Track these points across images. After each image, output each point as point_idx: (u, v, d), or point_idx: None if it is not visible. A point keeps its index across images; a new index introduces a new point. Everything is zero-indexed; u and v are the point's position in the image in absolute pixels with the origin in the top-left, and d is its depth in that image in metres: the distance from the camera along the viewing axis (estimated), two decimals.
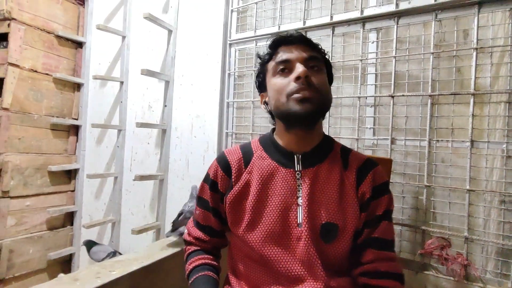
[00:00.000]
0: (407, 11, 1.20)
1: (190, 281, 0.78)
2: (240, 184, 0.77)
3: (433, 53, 1.16)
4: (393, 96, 1.22)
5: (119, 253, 1.91)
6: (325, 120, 0.84)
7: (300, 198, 0.72)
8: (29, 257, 1.98)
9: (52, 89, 2.12)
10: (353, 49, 1.35)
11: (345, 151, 0.80)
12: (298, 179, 0.74)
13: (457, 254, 1.10)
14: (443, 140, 1.16)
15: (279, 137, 0.80)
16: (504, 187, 1.05)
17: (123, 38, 2.07)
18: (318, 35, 1.42)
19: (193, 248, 0.85)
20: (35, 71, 2.00)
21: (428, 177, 1.16)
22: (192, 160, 1.77)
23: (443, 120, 1.17)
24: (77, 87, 2.28)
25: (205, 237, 0.84)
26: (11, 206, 1.89)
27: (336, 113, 1.38)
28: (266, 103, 0.81)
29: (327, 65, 0.80)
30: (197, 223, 0.87)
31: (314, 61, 0.74)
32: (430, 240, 1.15)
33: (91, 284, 0.86)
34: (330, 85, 0.81)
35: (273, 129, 0.84)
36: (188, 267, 0.81)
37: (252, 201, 0.74)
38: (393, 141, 1.24)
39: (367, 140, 1.30)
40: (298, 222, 0.71)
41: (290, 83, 0.71)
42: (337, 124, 1.38)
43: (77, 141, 2.28)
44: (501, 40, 1.07)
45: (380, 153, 1.27)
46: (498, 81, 1.08)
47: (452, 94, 1.13)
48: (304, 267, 0.69)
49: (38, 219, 2.05)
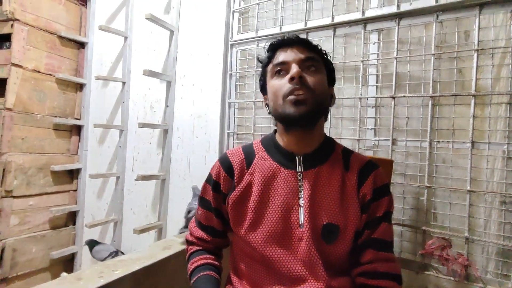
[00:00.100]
0: (408, 12, 1.20)
1: (192, 281, 0.78)
2: (242, 185, 0.77)
3: (434, 54, 1.16)
4: (394, 97, 1.23)
5: (121, 252, 1.92)
6: (326, 121, 0.84)
7: (302, 199, 0.72)
8: (32, 256, 1.99)
9: (55, 90, 2.13)
10: (354, 50, 1.36)
11: (347, 152, 0.80)
12: (300, 180, 0.74)
13: (457, 254, 1.10)
14: (444, 141, 1.16)
15: (280, 138, 0.80)
16: (505, 188, 1.06)
17: (125, 38, 2.08)
18: (319, 36, 1.42)
19: (195, 248, 0.86)
20: (38, 72, 2.01)
21: (429, 178, 1.17)
22: (194, 160, 1.78)
23: (444, 121, 1.17)
24: (80, 87, 2.29)
25: (207, 237, 0.85)
26: (14, 205, 1.90)
27: (338, 114, 1.38)
28: (267, 105, 0.82)
29: (327, 66, 0.79)
30: (199, 223, 0.87)
31: (311, 61, 0.74)
32: (431, 240, 1.15)
33: (94, 283, 0.87)
34: (332, 85, 0.81)
35: (275, 130, 0.85)
36: (190, 267, 0.82)
37: (254, 201, 0.75)
38: (394, 142, 1.24)
39: (368, 140, 1.31)
40: (300, 222, 0.71)
41: (286, 85, 0.72)
42: (339, 124, 1.39)
43: (79, 141, 2.29)
44: (502, 41, 1.07)
45: (381, 154, 1.28)
46: (499, 83, 1.08)
47: (453, 95, 1.14)
48: (305, 267, 0.69)
49: (41, 218, 2.06)
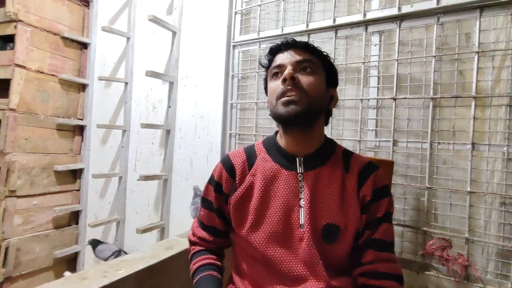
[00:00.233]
0: (409, 14, 1.21)
1: (194, 281, 0.79)
2: (244, 186, 0.78)
3: (435, 56, 1.16)
4: (395, 99, 1.23)
5: (124, 251, 1.94)
6: (327, 123, 0.85)
7: (302, 200, 0.73)
8: (35, 256, 2.01)
9: (58, 90, 2.15)
10: (355, 51, 1.36)
11: (347, 154, 0.81)
12: (300, 181, 0.75)
13: (458, 255, 1.11)
14: (444, 143, 1.17)
15: (281, 139, 0.81)
16: (505, 189, 1.06)
17: (128, 39, 2.09)
18: (321, 37, 1.43)
19: (197, 248, 0.86)
20: (42, 72, 2.03)
21: (430, 179, 1.17)
22: (196, 161, 1.79)
23: (444, 122, 1.18)
24: (82, 87, 2.30)
25: (209, 238, 0.86)
26: (18, 205, 1.92)
27: (339, 115, 1.39)
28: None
29: (327, 67, 0.79)
30: (202, 224, 0.88)
31: (307, 63, 0.74)
32: (431, 241, 1.16)
33: (98, 283, 0.87)
34: (333, 87, 0.82)
35: (277, 131, 0.85)
36: (193, 266, 0.82)
37: (256, 202, 0.75)
38: (395, 143, 1.25)
39: (369, 142, 1.31)
40: (300, 223, 0.72)
41: (279, 86, 0.73)
42: (340, 125, 1.40)
43: (82, 141, 2.31)
44: (502, 44, 1.08)
45: (382, 155, 1.28)
46: (500, 85, 1.09)
47: (454, 97, 1.14)
48: (306, 267, 0.70)
49: (44, 218, 2.08)
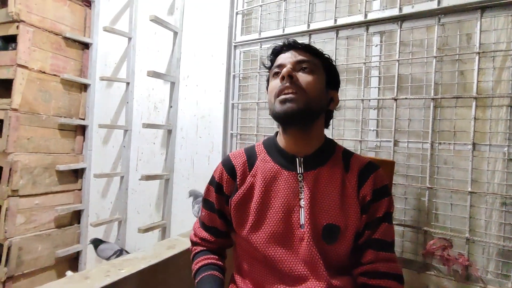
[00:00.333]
0: (410, 15, 1.21)
1: (196, 281, 0.79)
2: (244, 187, 0.79)
3: (436, 56, 1.16)
4: (396, 99, 1.23)
5: (126, 251, 1.95)
6: (328, 126, 0.86)
7: (303, 200, 0.74)
8: (37, 255, 2.02)
9: (60, 90, 2.15)
10: (357, 52, 1.37)
11: (347, 154, 0.81)
12: (300, 181, 0.75)
13: (458, 254, 1.11)
14: (445, 143, 1.17)
15: (281, 140, 0.81)
16: (506, 190, 1.06)
17: (129, 39, 2.10)
18: (322, 38, 1.43)
19: (199, 248, 0.87)
20: (44, 72, 2.04)
21: (431, 179, 1.18)
22: (197, 160, 1.80)
23: (445, 122, 1.18)
24: (84, 87, 2.31)
25: (210, 238, 0.86)
26: (20, 204, 1.93)
27: (340, 115, 1.39)
28: None
29: (328, 69, 0.80)
30: (203, 224, 0.88)
31: (307, 63, 0.75)
32: (432, 240, 1.16)
33: (101, 282, 0.89)
34: (334, 89, 0.82)
35: (277, 132, 0.86)
36: (194, 266, 0.83)
37: (256, 203, 0.76)
38: (396, 143, 1.25)
39: (370, 142, 1.32)
40: (301, 223, 0.72)
41: (278, 84, 0.74)
42: (341, 126, 1.40)
43: (84, 141, 2.32)
44: (503, 44, 1.08)
45: (383, 155, 1.29)
46: (500, 85, 1.09)
47: (455, 97, 1.14)
48: (307, 266, 0.70)
49: (46, 217, 2.09)
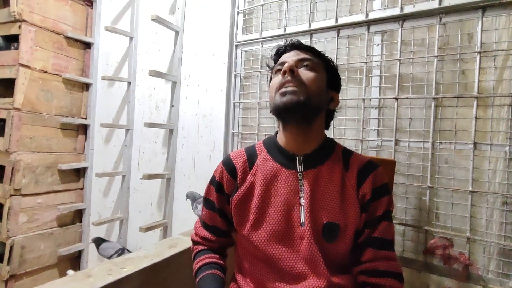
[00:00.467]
0: (411, 14, 1.21)
1: (197, 279, 0.80)
2: (245, 185, 0.79)
3: (437, 56, 1.16)
4: (397, 99, 1.23)
5: (127, 250, 1.95)
6: (328, 127, 0.87)
7: (303, 199, 0.74)
8: (40, 253, 2.03)
9: (62, 89, 2.16)
10: (358, 51, 1.36)
11: (347, 153, 0.81)
12: (300, 180, 0.76)
13: (459, 254, 1.11)
14: (446, 142, 1.17)
15: (281, 139, 0.82)
16: (507, 189, 1.06)
17: (131, 39, 2.10)
18: (323, 37, 1.43)
19: (200, 247, 0.88)
20: (46, 72, 2.04)
21: (432, 178, 1.18)
22: (199, 159, 1.80)
23: (446, 122, 1.18)
24: (86, 87, 2.32)
25: (211, 237, 0.87)
26: (23, 203, 1.94)
27: (341, 115, 1.39)
28: None
29: (329, 70, 0.82)
30: (204, 223, 0.89)
31: (308, 61, 0.77)
32: (433, 240, 1.16)
33: (103, 280, 0.89)
34: (334, 89, 0.83)
35: (277, 131, 0.86)
36: (196, 265, 0.84)
37: (257, 201, 0.76)
38: (397, 142, 1.25)
39: (371, 141, 1.32)
40: (301, 221, 0.73)
41: (279, 79, 0.76)
42: (342, 125, 1.40)
43: (85, 140, 2.33)
44: (504, 44, 1.08)
45: (384, 154, 1.29)
46: (502, 84, 1.09)
47: (456, 97, 1.14)
48: (307, 264, 0.71)
49: (48, 216, 2.10)
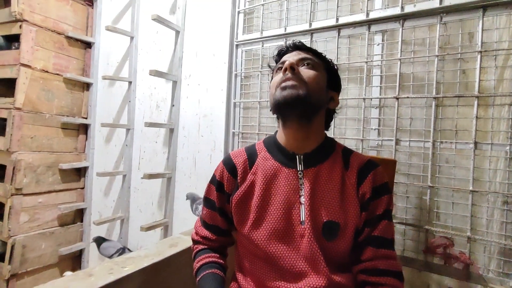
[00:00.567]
0: (412, 13, 1.21)
1: (197, 279, 0.80)
2: (245, 184, 0.79)
3: (438, 55, 1.16)
4: (398, 98, 1.23)
5: (128, 249, 1.96)
6: (328, 127, 0.88)
7: (303, 197, 0.74)
8: (41, 253, 2.04)
9: (63, 89, 2.16)
10: (358, 51, 1.36)
11: (347, 152, 0.82)
12: (301, 178, 0.76)
13: (459, 253, 1.11)
14: (447, 142, 1.17)
15: (281, 138, 0.82)
16: (507, 188, 1.06)
17: (131, 38, 2.10)
18: (324, 37, 1.43)
19: (200, 247, 0.88)
20: (46, 72, 2.05)
21: (432, 178, 1.18)
22: (199, 159, 1.80)
23: (447, 121, 1.18)
24: (86, 86, 2.32)
25: (212, 236, 0.87)
26: (24, 203, 1.95)
27: (342, 114, 1.39)
28: None
29: (330, 71, 0.83)
30: (204, 223, 0.89)
31: (309, 60, 0.79)
32: (433, 239, 1.16)
33: (104, 279, 0.89)
34: (335, 90, 0.84)
35: (277, 131, 0.87)
36: (196, 265, 0.84)
37: (257, 200, 0.77)
38: (397, 142, 1.25)
39: (372, 141, 1.32)
40: (301, 220, 0.73)
41: (280, 76, 0.77)
42: (342, 124, 1.40)
43: (86, 139, 2.33)
44: (505, 43, 1.08)
45: (384, 154, 1.29)
46: (503, 84, 1.09)
47: (457, 96, 1.14)
48: (307, 262, 0.71)
49: (49, 215, 2.11)
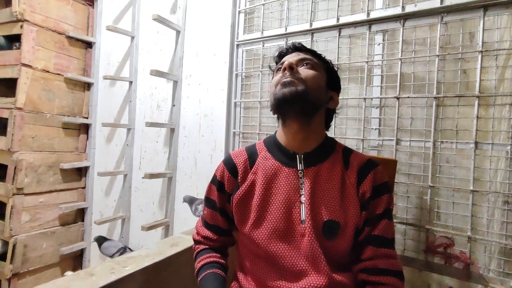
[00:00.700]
0: (413, 13, 1.21)
1: (199, 279, 0.81)
2: (246, 184, 0.80)
3: (438, 55, 1.16)
4: (398, 98, 1.23)
5: (129, 248, 1.96)
6: (329, 127, 0.88)
7: (303, 196, 0.75)
8: (42, 252, 2.04)
9: (64, 89, 2.17)
10: (359, 50, 1.36)
11: (347, 151, 0.82)
12: (301, 177, 0.76)
13: (460, 253, 1.11)
14: (447, 141, 1.17)
15: (281, 137, 0.83)
16: (508, 188, 1.06)
17: (132, 38, 2.10)
18: (324, 36, 1.43)
19: (201, 246, 0.88)
20: (47, 71, 2.05)
21: (433, 178, 1.18)
22: (200, 159, 1.81)
23: (448, 121, 1.18)
24: (87, 86, 2.32)
25: (213, 236, 0.87)
26: (25, 202, 1.95)
27: (342, 114, 1.39)
28: None
29: (329, 72, 0.83)
30: (205, 223, 0.90)
31: (308, 60, 0.79)
32: (434, 239, 1.16)
33: (106, 279, 0.89)
34: (334, 91, 0.84)
35: (277, 131, 0.87)
36: (197, 265, 0.84)
37: (258, 200, 0.77)
38: (398, 141, 1.25)
39: (373, 140, 1.32)
40: (302, 219, 0.73)
41: (279, 76, 0.77)
42: (343, 124, 1.40)
43: (87, 139, 2.33)
44: (506, 43, 1.08)
45: (385, 154, 1.29)
46: (503, 84, 1.08)
47: (457, 96, 1.14)
48: (308, 261, 0.71)
49: (51, 215, 2.11)
